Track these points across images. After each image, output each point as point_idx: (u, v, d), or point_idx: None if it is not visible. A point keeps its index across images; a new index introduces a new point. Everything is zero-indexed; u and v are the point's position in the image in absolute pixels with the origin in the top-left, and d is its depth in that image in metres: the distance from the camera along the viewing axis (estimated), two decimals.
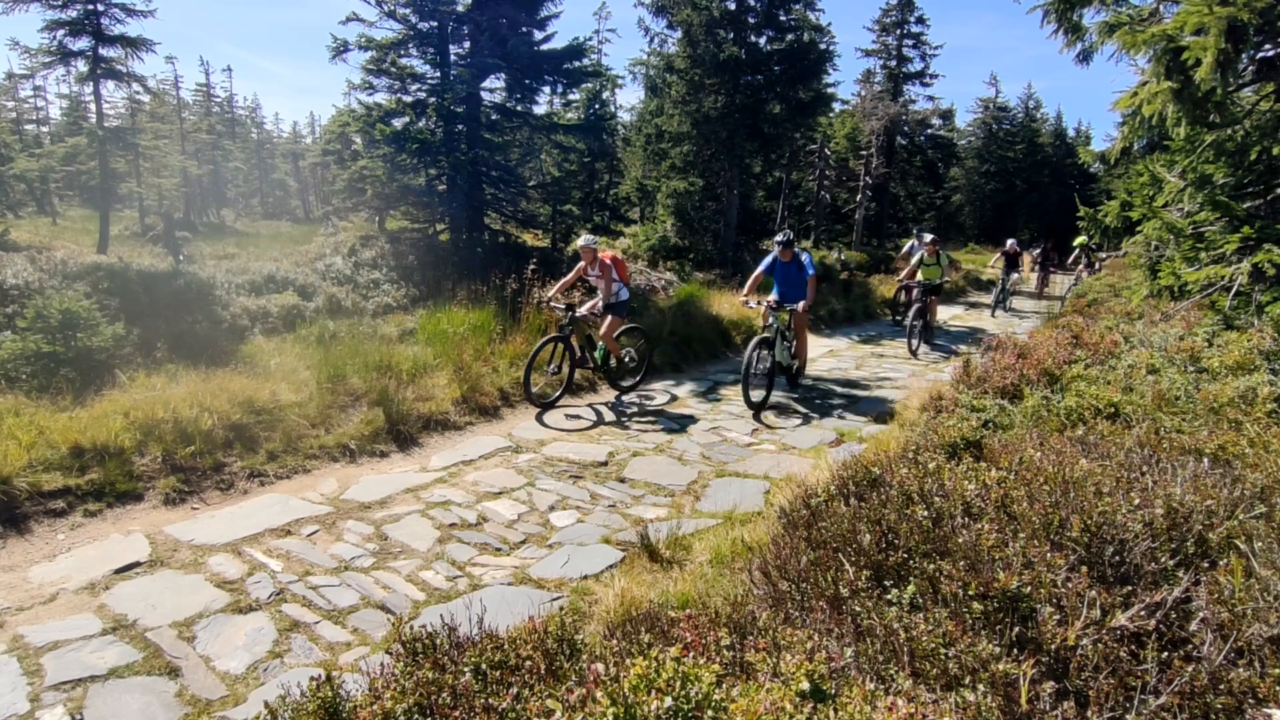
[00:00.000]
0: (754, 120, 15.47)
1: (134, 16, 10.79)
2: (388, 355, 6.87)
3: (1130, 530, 2.48)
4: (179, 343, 6.95)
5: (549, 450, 5.88)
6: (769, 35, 15.68)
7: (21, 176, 17.74)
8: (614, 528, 4.47)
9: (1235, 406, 4.53)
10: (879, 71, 28.01)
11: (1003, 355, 6.62)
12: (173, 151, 23.80)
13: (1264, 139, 6.06)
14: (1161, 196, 7.38)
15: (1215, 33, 4.99)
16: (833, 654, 1.92)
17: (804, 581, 2.59)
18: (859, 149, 24.77)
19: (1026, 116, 36.92)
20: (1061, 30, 6.71)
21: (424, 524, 4.44)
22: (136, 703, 2.79)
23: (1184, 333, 6.79)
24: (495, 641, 2.08)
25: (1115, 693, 1.86)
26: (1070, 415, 4.68)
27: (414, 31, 11.97)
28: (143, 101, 22.12)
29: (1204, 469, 3.23)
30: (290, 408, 5.68)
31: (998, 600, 2.17)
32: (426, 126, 12.40)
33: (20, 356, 5.67)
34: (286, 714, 1.90)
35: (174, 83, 31.19)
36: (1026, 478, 3.02)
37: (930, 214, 31.77)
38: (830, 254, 19.71)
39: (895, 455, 3.87)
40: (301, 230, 21.06)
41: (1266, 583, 2.19)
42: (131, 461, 4.73)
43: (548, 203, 15.03)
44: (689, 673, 1.59)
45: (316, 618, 3.41)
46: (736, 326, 10.78)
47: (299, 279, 9.78)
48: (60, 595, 3.51)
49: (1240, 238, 5.70)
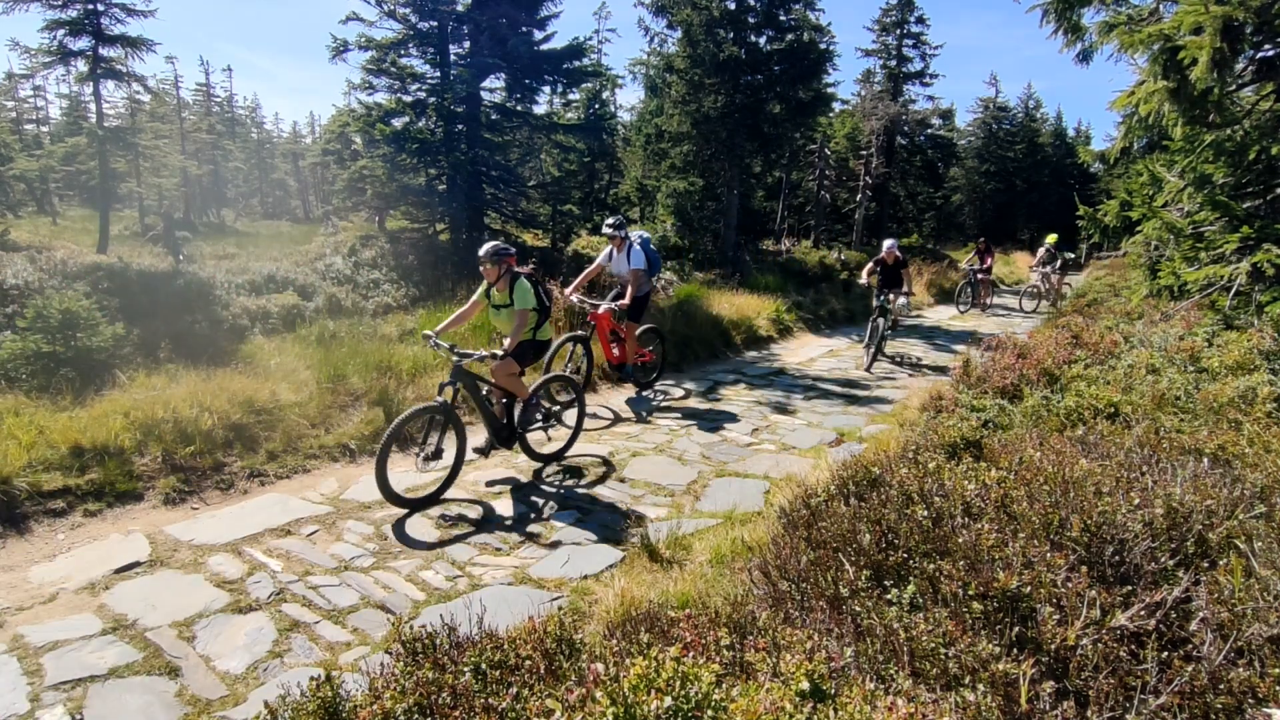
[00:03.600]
0: (754, 120, 15.46)
1: (134, 16, 10.80)
2: (388, 355, 6.86)
3: (1130, 530, 2.48)
4: (179, 343, 6.95)
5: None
6: (769, 35, 15.67)
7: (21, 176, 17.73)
8: (614, 527, 4.47)
9: (1235, 406, 4.54)
10: (879, 71, 28.01)
11: (1003, 355, 6.63)
12: (173, 151, 23.79)
13: (1263, 139, 6.06)
14: (1161, 196, 7.37)
15: (1211, 32, 4.99)
16: (833, 654, 1.92)
17: (804, 581, 2.59)
18: (859, 149, 24.77)
19: (1026, 116, 36.88)
20: (1061, 30, 6.71)
21: (424, 524, 4.44)
22: (136, 703, 2.79)
23: (1184, 333, 6.80)
24: (495, 641, 2.08)
25: (1115, 692, 1.86)
26: (1070, 415, 4.68)
27: (414, 31, 11.98)
28: (143, 101, 22.10)
29: (1204, 469, 3.23)
30: (290, 408, 5.68)
31: (998, 600, 2.17)
32: (426, 126, 12.41)
33: (20, 356, 5.67)
34: (286, 714, 1.90)
35: (174, 82, 31.19)
36: (1026, 478, 3.02)
37: (930, 214, 31.77)
38: (830, 254, 19.71)
39: (895, 455, 3.87)
40: (301, 230, 21.07)
41: (1266, 583, 2.19)
42: (131, 461, 4.73)
43: (548, 202, 15.03)
44: (689, 673, 1.59)
45: (316, 617, 3.41)
46: (737, 326, 10.78)
47: (299, 279, 9.78)
48: (60, 595, 3.51)
49: (1240, 237, 5.70)
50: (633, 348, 7.33)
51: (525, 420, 5.31)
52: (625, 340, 7.28)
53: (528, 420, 5.34)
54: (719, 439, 6.32)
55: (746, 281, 13.93)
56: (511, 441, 5.26)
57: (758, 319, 11.38)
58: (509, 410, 5.26)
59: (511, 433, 5.23)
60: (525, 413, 5.31)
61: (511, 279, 5.09)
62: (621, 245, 7.19)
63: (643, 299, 7.34)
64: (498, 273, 5.06)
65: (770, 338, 11.30)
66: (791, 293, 13.74)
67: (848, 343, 11.62)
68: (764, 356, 10.30)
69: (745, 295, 12.37)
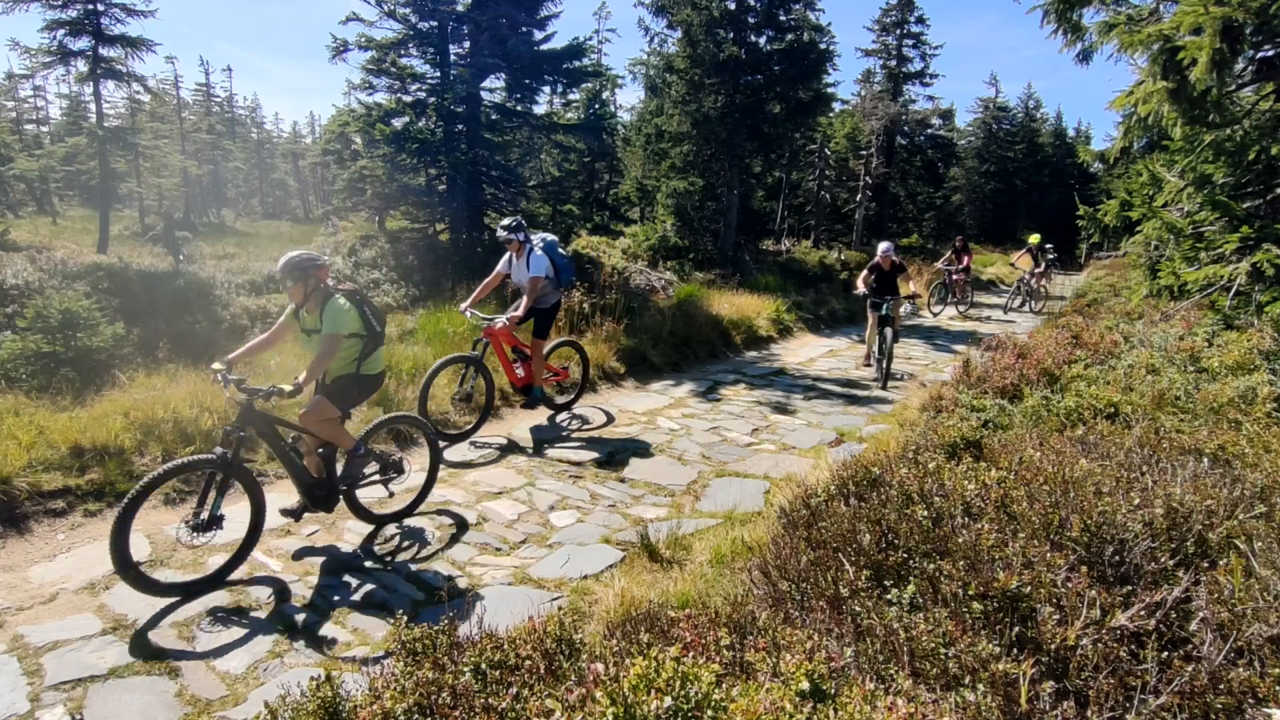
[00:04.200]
0: (754, 120, 15.47)
1: (134, 16, 10.83)
2: (388, 355, 6.86)
3: (1130, 530, 2.48)
4: (179, 342, 6.94)
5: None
6: (769, 35, 15.68)
7: (21, 176, 17.75)
8: (614, 527, 4.47)
9: (1235, 406, 4.54)
10: (879, 71, 28.03)
11: (1003, 355, 6.63)
12: (173, 151, 23.81)
13: (1263, 139, 6.07)
14: (1161, 196, 7.38)
15: (1211, 32, 5.00)
16: (833, 654, 1.92)
17: (804, 581, 2.59)
18: (859, 149, 24.77)
19: (1026, 116, 36.91)
20: (1061, 30, 6.71)
21: (424, 523, 4.44)
22: (136, 703, 2.79)
23: (1184, 333, 6.80)
24: (495, 641, 2.08)
25: (1115, 692, 1.86)
26: (1070, 415, 4.68)
27: (414, 31, 11.98)
28: (143, 101, 22.13)
29: (1204, 469, 3.23)
30: (290, 408, 5.68)
31: (998, 600, 2.17)
32: (426, 126, 12.41)
33: (20, 356, 5.67)
34: (286, 714, 1.90)
35: (174, 82, 31.23)
36: (1026, 478, 3.03)
37: (930, 214, 31.77)
38: (830, 254, 19.72)
39: (895, 455, 3.87)
40: (301, 230, 21.08)
41: (1266, 583, 2.19)
42: (132, 461, 4.73)
43: (548, 203, 15.04)
44: (689, 672, 1.59)
45: (316, 617, 3.41)
46: (736, 326, 10.79)
47: None
48: (60, 595, 3.51)
49: (1240, 237, 5.71)
50: (539, 367, 6.49)
51: (350, 476, 4.23)
52: (532, 358, 6.45)
53: (352, 476, 4.24)
54: (719, 439, 6.32)
55: (746, 281, 13.93)
56: (331, 502, 4.15)
57: (758, 319, 11.39)
58: (330, 462, 4.18)
59: (330, 491, 4.13)
60: (350, 466, 4.24)
61: (323, 297, 3.99)
62: (520, 250, 6.34)
63: (548, 311, 6.53)
64: (303, 290, 3.95)
65: (770, 338, 11.31)
66: (791, 293, 13.75)
67: (848, 343, 11.63)
68: (764, 356, 10.30)
69: (745, 295, 12.37)
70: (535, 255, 6.30)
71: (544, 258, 6.35)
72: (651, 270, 13.92)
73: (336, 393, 4.13)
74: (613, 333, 8.59)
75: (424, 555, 4.09)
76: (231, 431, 3.69)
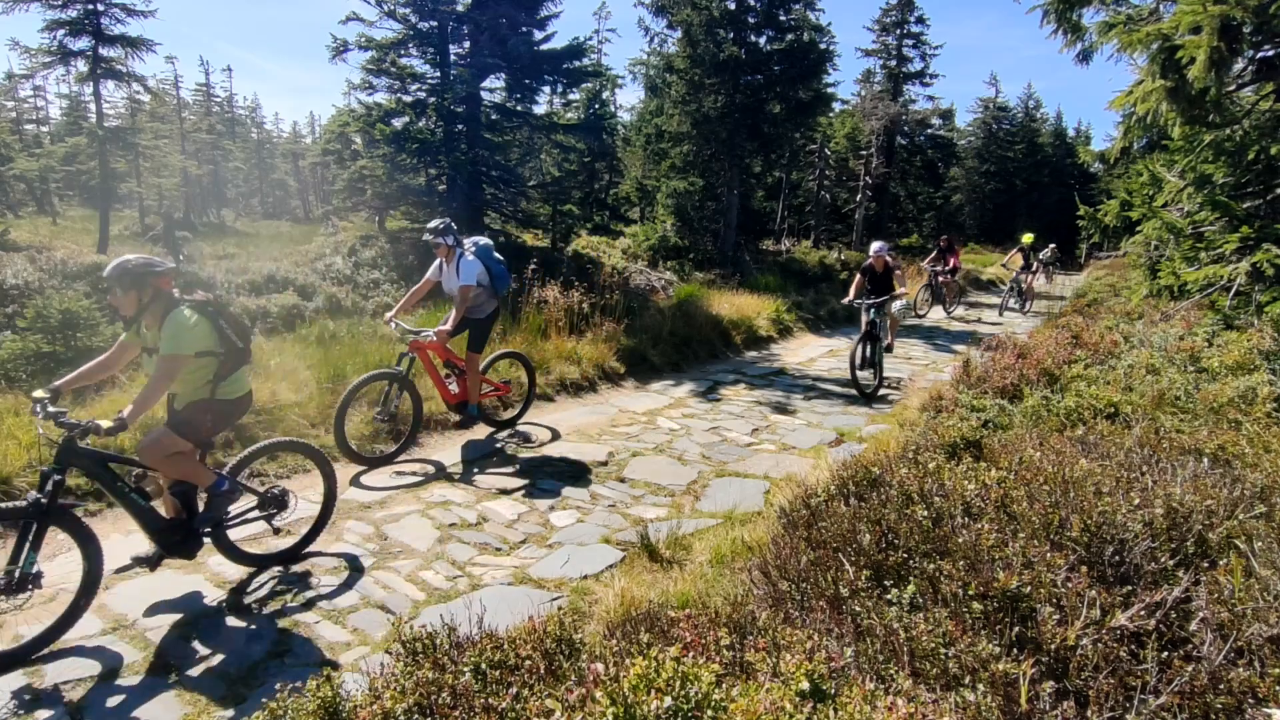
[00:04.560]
0: (754, 120, 15.48)
1: (134, 16, 10.84)
2: (388, 355, 6.86)
3: (1130, 530, 2.48)
4: None
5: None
6: (769, 35, 15.70)
7: (21, 176, 17.74)
8: (614, 527, 4.47)
9: (1235, 406, 4.54)
10: (879, 71, 28.07)
11: (1003, 355, 6.63)
12: (173, 151, 23.81)
13: (1263, 139, 6.07)
14: (1161, 196, 7.38)
15: (1209, 31, 4.99)
16: (833, 654, 1.92)
17: (804, 581, 2.59)
18: (859, 149, 24.78)
19: (1026, 116, 36.94)
20: (1061, 30, 6.71)
21: (424, 523, 4.44)
22: (137, 703, 2.79)
23: (1184, 333, 6.80)
24: (495, 641, 2.08)
25: (1115, 692, 1.86)
26: (1070, 415, 4.68)
27: (414, 31, 11.99)
28: (143, 101, 22.13)
29: (1204, 469, 3.23)
30: (290, 407, 5.69)
31: (998, 600, 2.17)
32: (426, 126, 12.42)
33: (20, 356, 5.68)
34: (286, 714, 1.90)
35: (174, 82, 31.22)
36: (1026, 478, 3.03)
37: (930, 214, 31.80)
38: (830, 254, 19.72)
39: (895, 455, 3.87)
40: (301, 230, 21.07)
41: (1266, 583, 2.19)
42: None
43: (547, 202, 15.04)
44: (689, 672, 1.59)
45: (316, 617, 3.41)
46: (736, 326, 10.79)
47: (299, 279, 9.79)
48: (60, 595, 3.50)
49: (1239, 237, 5.71)
50: (475, 383, 5.95)
51: (209, 517, 3.59)
52: (467, 374, 5.93)
53: (213, 517, 3.60)
54: (719, 439, 6.31)
55: (746, 281, 13.94)
56: (192, 547, 3.57)
57: (758, 319, 11.39)
58: (189, 501, 3.59)
59: (189, 535, 3.53)
60: (212, 505, 3.59)
61: (164, 310, 3.36)
62: (450, 255, 5.83)
63: (484, 321, 6.02)
64: (136, 301, 3.34)
65: (770, 338, 11.31)
66: (791, 293, 13.75)
67: (848, 343, 11.59)
68: (764, 356, 10.30)
69: (745, 295, 12.37)
70: (466, 261, 5.77)
71: (476, 263, 5.82)
72: (651, 270, 13.94)
73: (186, 422, 3.49)
74: (613, 333, 8.59)
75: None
76: (49, 473, 3.06)
